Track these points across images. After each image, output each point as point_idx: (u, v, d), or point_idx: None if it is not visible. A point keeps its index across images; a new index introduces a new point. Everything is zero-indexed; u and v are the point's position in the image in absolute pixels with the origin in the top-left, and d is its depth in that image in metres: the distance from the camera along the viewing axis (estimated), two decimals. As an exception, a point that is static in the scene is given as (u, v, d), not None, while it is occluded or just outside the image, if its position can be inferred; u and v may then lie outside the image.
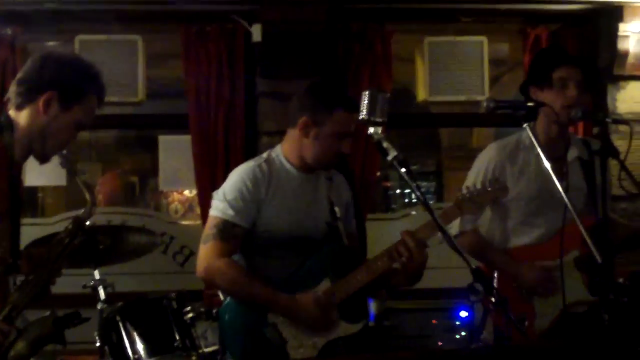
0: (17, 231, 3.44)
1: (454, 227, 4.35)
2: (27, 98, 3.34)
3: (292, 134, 4.11)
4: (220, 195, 4.03)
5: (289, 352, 3.84)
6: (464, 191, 3.99)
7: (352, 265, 3.97)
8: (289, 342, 3.85)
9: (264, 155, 4.17)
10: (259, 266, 3.99)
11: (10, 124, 3.34)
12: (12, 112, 3.36)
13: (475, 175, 4.44)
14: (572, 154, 4.31)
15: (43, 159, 3.45)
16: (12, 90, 3.37)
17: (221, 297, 4.10)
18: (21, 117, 3.34)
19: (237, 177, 4.05)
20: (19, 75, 3.39)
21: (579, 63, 4.38)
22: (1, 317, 3.25)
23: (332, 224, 4.09)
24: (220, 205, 4.00)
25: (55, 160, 3.48)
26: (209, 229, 4.00)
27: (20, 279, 3.39)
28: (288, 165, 4.10)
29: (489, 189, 3.99)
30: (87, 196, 3.48)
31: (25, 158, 3.44)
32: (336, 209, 4.12)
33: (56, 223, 6.67)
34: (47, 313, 3.44)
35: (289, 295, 3.86)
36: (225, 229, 3.94)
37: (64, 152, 3.44)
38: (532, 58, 4.49)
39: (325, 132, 3.99)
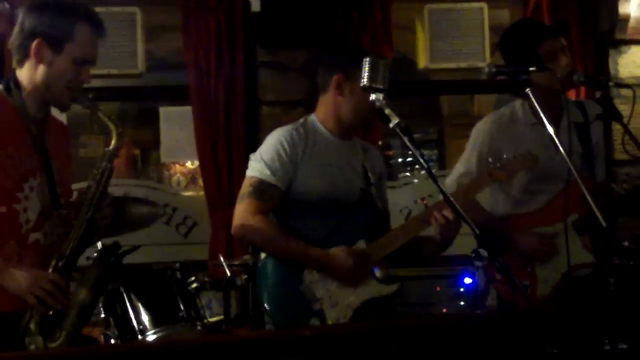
0: (53, 184, 3.43)
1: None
2: (22, 53, 3.36)
3: (325, 99, 4.14)
4: (257, 156, 4.06)
5: (324, 310, 3.88)
6: (493, 160, 4.01)
7: (385, 228, 4.05)
8: (324, 301, 3.90)
9: (301, 120, 4.19)
10: (295, 228, 4.02)
11: (16, 82, 3.36)
12: (17, 71, 3.39)
13: (472, 149, 4.45)
14: (566, 118, 4.30)
15: (60, 106, 3.47)
16: (12, 50, 3.40)
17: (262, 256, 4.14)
18: (23, 73, 3.37)
19: (274, 138, 4.07)
20: (12, 34, 3.40)
21: (559, 32, 4.37)
22: (51, 268, 3.28)
23: (366, 189, 4.12)
24: (256, 165, 4.02)
25: None
26: (245, 188, 4.03)
27: None
28: (324, 131, 4.13)
29: (521, 158, 4.01)
30: (112, 127, 3.46)
31: (43, 112, 3.46)
32: (370, 175, 4.15)
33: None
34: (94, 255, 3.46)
35: (322, 249, 3.90)
36: (261, 188, 3.97)
37: (90, 95, 3.46)
38: (509, 38, 4.42)
39: (359, 85, 3.98)
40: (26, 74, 3.35)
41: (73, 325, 3.29)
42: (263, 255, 4.13)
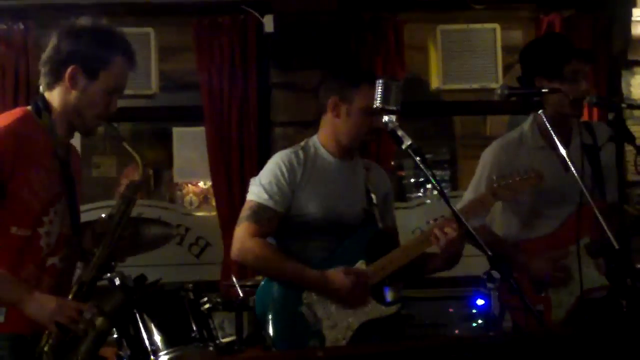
0: (75, 209, 3.46)
1: None
2: (54, 77, 3.35)
3: (325, 121, 4.17)
4: (256, 180, 4.10)
5: (323, 331, 3.89)
6: (498, 179, 4.01)
7: (386, 249, 4.02)
8: (323, 322, 3.90)
9: (302, 143, 4.21)
10: (296, 251, 4.03)
11: (46, 105, 3.36)
12: (46, 94, 3.38)
13: (480, 175, 4.44)
14: (576, 140, 4.29)
15: (87, 132, 3.48)
16: (41, 72, 3.39)
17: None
18: (54, 96, 3.37)
19: (273, 162, 4.11)
20: (43, 56, 3.40)
21: (589, 57, 4.38)
22: (72, 294, 3.29)
23: (368, 209, 4.13)
24: (255, 190, 4.06)
25: None
26: (244, 211, 4.06)
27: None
28: (324, 152, 4.14)
29: (525, 176, 4.00)
30: (138, 159, 3.49)
31: (70, 135, 3.47)
32: (372, 195, 4.15)
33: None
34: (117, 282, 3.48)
35: (319, 271, 3.92)
36: (259, 212, 4.00)
37: (115, 124, 3.52)
38: (538, 48, 4.41)
39: (355, 107, 4.05)
40: (57, 97, 3.36)
41: (88, 351, 3.30)
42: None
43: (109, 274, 3.47)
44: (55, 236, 3.33)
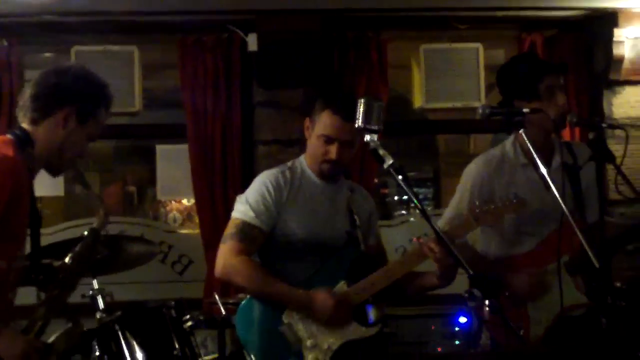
0: (37, 243, 3.47)
1: None
2: (44, 113, 3.34)
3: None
4: (242, 199, 4.09)
5: (304, 352, 3.88)
6: (481, 204, 4.02)
7: (369, 270, 4.00)
8: (304, 342, 3.89)
9: (289, 163, 4.22)
10: (278, 270, 4.03)
11: (29, 138, 3.33)
12: (26, 126, 3.35)
13: (462, 192, 4.45)
14: (557, 159, 4.31)
15: (57, 172, 3.48)
16: (26, 105, 3.35)
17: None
18: (38, 131, 3.34)
19: (260, 182, 4.11)
20: (33, 90, 3.36)
21: (560, 69, 4.40)
22: (33, 334, 3.28)
23: (351, 232, 4.13)
24: (241, 208, 4.06)
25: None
26: (229, 229, 4.05)
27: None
28: (310, 174, 4.15)
29: (507, 202, 4.02)
30: (101, 208, 3.53)
31: (38, 171, 3.45)
32: (356, 217, 4.15)
33: (55, 233, 6.69)
34: (69, 325, 3.46)
35: (304, 290, 3.91)
36: (244, 230, 4.00)
37: (80, 169, 3.50)
38: (509, 71, 4.42)
39: (315, 132, 4.07)
40: (42, 133, 3.33)
41: None
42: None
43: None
44: (17, 271, 3.32)
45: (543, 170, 3.65)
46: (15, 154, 3.24)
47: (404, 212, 10.12)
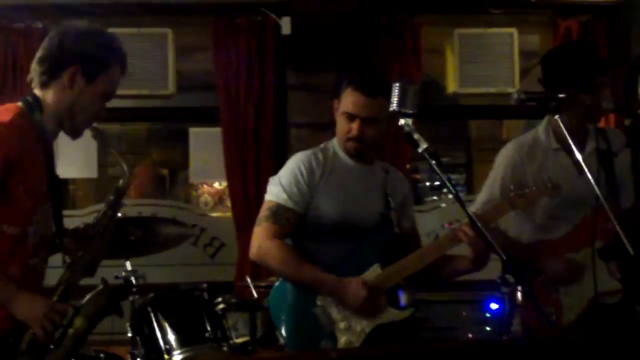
0: (59, 209, 3.43)
1: None
2: (51, 75, 3.31)
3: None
4: (275, 181, 4.09)
5: (336, 334, 3.87)
6: (515, 188, 4.00)
7: (402, 253, 3.99)
8: (337, 324, 3.89)
9: (322, 145, 4.21)
10: (311, 251, 4.02)
11: (38, 103, 3.32)
12: (37, 91, 3.34)
13: (495, 176, 4.43)
14: (591, 145, 4.28)
15: (75, 134, 3.43)
16: (35, 69, 3.34)
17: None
18: (48, 95, 3.32)
19: (293, 163, 4.10)
20: (40, 53, 3.35)
21: (612, 67, 4.37)
22: (56, 296, 3.29)
23: (385, 213, 4.11)
24: (274, 190, 4.05)
25: (85, 154, 3.48)
26: (263, 211, 4.05)
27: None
28: (343, 155, 4.13)
29: (542, 186, 3.99)
30: (124, 166, 3.46)
31: (55, 135, 3.43)
32: (390, 199, 4.13)
33: (87, 215, 6.72)
34: (100, 286, 3.43)
35: (337, 276, 3.90)
36: (278, 212, 3.99)
37: (95, 125, 3.42)
38: (569, 57, 4.35)
39: (339, 111, 4.05)
40: (51, 97, 3.32)
41: (65, 351, 3.27)
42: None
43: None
44: (39, 237, 3.31)
45: (578, 156, 3.62)
46: (13, 119, 3.22)
47: (435, 197, 10.10)
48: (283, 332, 3.96)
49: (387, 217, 4.10)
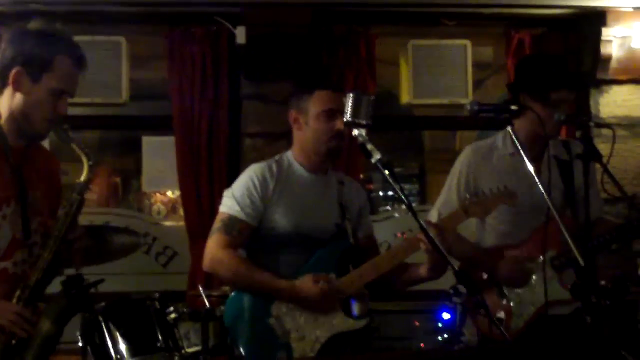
0: (25, 214, 3.38)
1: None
2: (1, 81, 3.31)
3: (294, 135, 4.21)
4: (229, 193, 4.13)
5: (291, 344, 3.90)
6: (469, 196, 4.02)
7: (358, 263, 4.02)
8: (292, 334, 3.91)
9: (276, 157, 4.24)
10: (267, 263, 4.05)
11: None
12: None
13: (451, 179, 4.47)
14: (549, 154, 4.31)
15: (37, 137, 3.43)
16: None
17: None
18: (1, 102, 3.33)
19: (246, 175, 4.14)
20: None
21: (578, 86, 4.41)
22: (15, 299, 3.26)
23: (341, 224, 4.13)
24: (228, 202, 4.09)
25: None
26: (216, 223, 4.10)
27: None
28: (298, 167, 4.18)
29: (498, 193, 4.02)
30: (85, 160, 3.42)
31: (24, 141, 3.40)
32: (345, 209, 4.16)
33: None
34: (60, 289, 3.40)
35: (288, 280, 3.93)
36: (230, 224, 4.04)
37: (65, 126, 3.38)
38: (533, 65, 4.42)
39: (312, 115, 4.07)
40: (5, 102, 3.31)
41: (35, 356, 3.26)
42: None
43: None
44: (6, 240, 3.29)
45: (530, 167, 3.65)
46: None
47: (388, 207, 10.12)
48: (239, 344, 3.96)
49: (342, 227, 4.12)
